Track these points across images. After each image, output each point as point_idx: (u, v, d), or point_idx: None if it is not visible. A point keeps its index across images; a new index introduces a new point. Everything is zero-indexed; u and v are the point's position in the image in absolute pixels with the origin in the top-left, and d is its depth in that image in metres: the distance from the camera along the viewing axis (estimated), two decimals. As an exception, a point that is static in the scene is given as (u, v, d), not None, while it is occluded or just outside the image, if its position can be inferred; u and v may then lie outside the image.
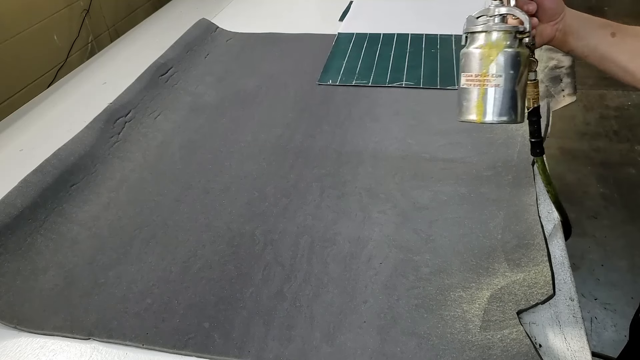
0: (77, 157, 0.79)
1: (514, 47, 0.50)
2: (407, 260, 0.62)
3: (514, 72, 0.50)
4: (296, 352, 0.53)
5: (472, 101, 0.51)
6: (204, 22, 1.27)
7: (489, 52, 0.50)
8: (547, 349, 0.52)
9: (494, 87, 0.50)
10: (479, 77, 0.50)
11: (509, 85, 0.50)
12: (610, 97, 2.34)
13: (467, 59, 0.52)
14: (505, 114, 0.51)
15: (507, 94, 0.50)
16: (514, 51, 0.50)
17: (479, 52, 0.51)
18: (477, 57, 0.51)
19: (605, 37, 0.57)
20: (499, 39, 0.50)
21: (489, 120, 0.51)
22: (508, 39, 0.50)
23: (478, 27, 0.51)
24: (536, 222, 0.63)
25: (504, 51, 0.49)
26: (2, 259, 0.64)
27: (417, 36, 1.18)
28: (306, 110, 0.95)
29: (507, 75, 0.50)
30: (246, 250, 0.66)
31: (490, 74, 0.50)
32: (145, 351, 0.55)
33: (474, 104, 0.51)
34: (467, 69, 0.52)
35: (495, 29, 0.50)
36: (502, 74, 0.50)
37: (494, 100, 0.50)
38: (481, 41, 0.51)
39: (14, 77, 1.19)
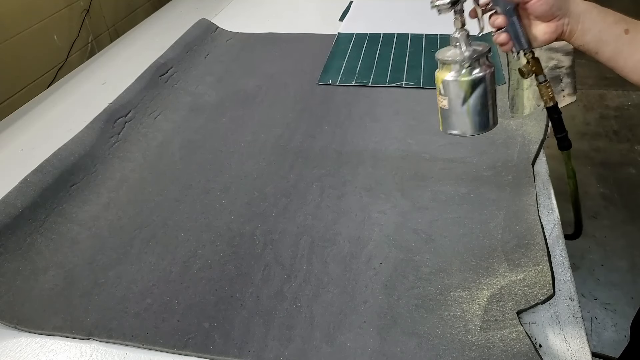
0: (77, 157, 0.79)
1: (456, 75, 0.56)
2: (407, 260, 0.62)
3: (456, 96, 0.57)
4: (296, 352, 0.53)
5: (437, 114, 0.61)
6: (204, 22, 1.27)
7: (437, 78, 0.58)
8: (547, 349, 0.52)
9: (442, 107, 0.59)
10: (437, 95, 0.59)
11: (453, 106, 0.58)
12: (610, 97, 2.34)
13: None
14: (454, 128, 0.59)
15: (453, 112, 0.58)
16: (451, 80, 0.56)
17: (435, 76, 0.58)
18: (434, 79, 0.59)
19: (619, 34, 0.55)
20: (443, 69, 0.57)
21: (444, 132, 0.61)
22: (451, 69, 0.56)
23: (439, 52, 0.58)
24: (536, 222, 0.63)
25: (444, 80, 0.57)
26: (2, 259, 0.64)
27: (417, 36, 1.18)
28: (306, 110, 0.95)
29: (450, 99, 0.57)
30: (246, 250, 0.66)
31: (440, 96, 0.58)
32: (145, 351, 0.55)
33: (438, 115, 0.60)
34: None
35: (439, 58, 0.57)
36: (445, 97, 0.58)
37: (444, 117, 0.60)
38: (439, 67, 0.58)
39: (14, 77, 1.19)
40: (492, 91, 0.58)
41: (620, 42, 0.55)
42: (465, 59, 0.56)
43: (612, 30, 0.55)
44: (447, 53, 0.57)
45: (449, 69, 0.57)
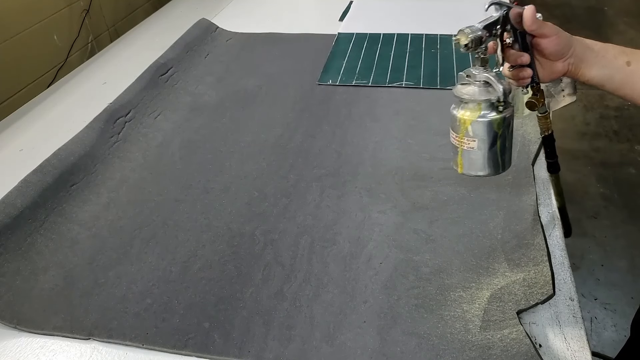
0: (77, 157, 0.79)
1: (488, 115, 0.53)
2: (407, 260, 0.62)
3: (487, 138, 0.54)
4: (296, 352, 0.53)
5: (455, 155, 0.57)
6: (204, 22, 1.27)
7: (464, 119, 0.54)
8: (547, 349, 0.52)
9: (469, 149, 0.56)
10: (458, 138, 0.56)
11: (483, 148, 0.55)
12: (610, 97, 2.34)
13: (451, 119, 0.56)
14: (480, 170, 0.57)
15: (480, 154, 0.55)
16: (486, 121, 0.53)
17: (458, 117, 0.55)
18: (457, 121, 0.55)
19: (621, 66, 0.57)
20: (473, 109, 0.54)
21: (466, 173, 0.58)
22: (482, 109, 0.54)
23: (458, 92, 0.55)
24: (536, 222, 0.63)
25: (476, 121, 0.54)
26: (2, 259, 0.64)
27: (417, 36, 1.18)
28: (306, 110, 0.95)
29: (480, 141, 0.54)
30: (246, 250, 0.66)
31: (466, 138, 0.55)
32: (145, 351, 0.55)
33: (456, 158, 0.57)
34: (451, 127, 0.56)
35: (469, 99, 0.54)
36: (475, 139, 0.54)
37: (469, 159, 0.56)
38: (460, 107, 0.55)
39: (14, 77, 1.19)
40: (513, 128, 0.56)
41: (623, 74, 0.57)
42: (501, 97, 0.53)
43: (614, 64, 0.57)
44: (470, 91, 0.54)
45: (478, 109, 0.54)
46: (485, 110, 0.54)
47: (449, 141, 0.57)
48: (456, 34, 0.53)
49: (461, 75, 0.56)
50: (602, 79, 0.57)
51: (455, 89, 0.56)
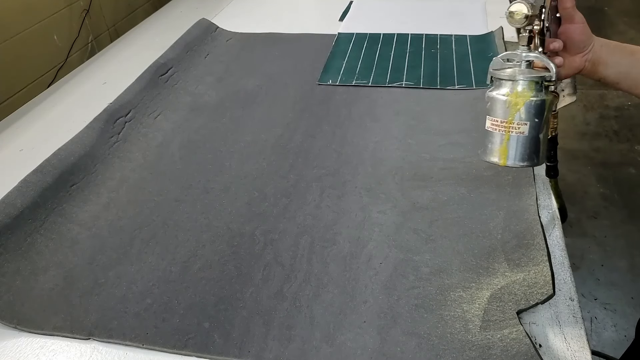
0: (77, 157, 0.79)
1: (540, 95, 0.51)
2: (407, 260, 0.62)
3: (539, 120, 0.51)
4: (296, 352, 0.53)
5: (496, 144, 0.53)
6: (204, 22, 1.27)
7: (515, 100, 0.51)
8: (547, 349, 0.52)
9: (518, 134, 0.51)
10: (504, 124, 0.51)
11: (534, 133, 0.51)
12: (610, 97, 2.34)
13: (492, 104, 0.52)
14: (527, 159, 0.53)
15: (531, 140, 0.52)
16: (539, 100, 0.50)
17: (505, 100, 0.51)
18: (503, 104, 0.51)
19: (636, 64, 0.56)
20: (525, 89, 0.51)
21: (511, 165, 0.53)
22: (534, 88, 0.51)
23: (505, 74, 0.51)
24: (536, 222, 0.63)
25: (530, 100, 0.50)
26: (2, 259, 0.64)
27: (417, 36, 1.18)
28: (306, 110, 0.95)
29: (532, 123, 0.51)
30: (246, 250, 0.66)
31: (516, 122, 0.51)
32: (145, 351, 0.55)
33: (498, 147, 0.53)
34: (493, 113, 0.52)
35: (522, 78, 0.51)
36: (527, 122, 0.51)
37: (517, 146, 0.52)
38: (507, 89, 0.51)
39: (14, 77, 1.19)
40: None
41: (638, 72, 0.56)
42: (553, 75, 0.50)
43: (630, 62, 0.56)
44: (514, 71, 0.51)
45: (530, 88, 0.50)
46: (537, 90, 0.51)
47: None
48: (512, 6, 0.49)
49: (496, 60, 0.53)
50: (618, 77, 0.56)
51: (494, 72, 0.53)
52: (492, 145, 0.53)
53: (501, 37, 1.10)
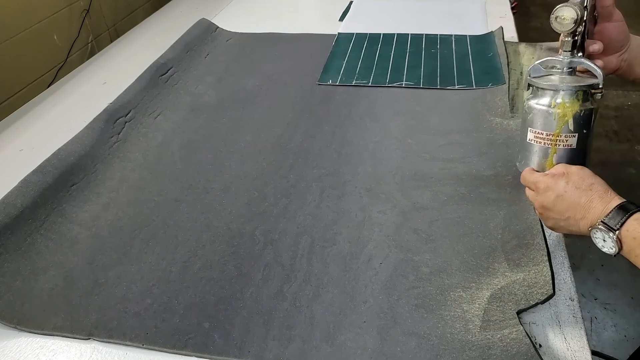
0: (77, 157, 0.79)
1: (587, 105, 0.48)
2: (407, 260, 0.62)
3: (587, 131, 0.48)
4: (296, 352, 0.53)
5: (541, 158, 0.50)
6: (204, 22, 1.27)
7: (563, 112, 0.48)
8: (547, 349, 0.52)
9: (566, 147, 0.49)
10: (551, 137, 0.49)
11: (582, 145, 0.49)
12: (610, 97, 2.34)
13: (535, 116, 0.49)
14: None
15: (579, 152, 0.49)
16: (588, 110, 0.47)
17: (552, 112, 0.48)
18: (549, 116, 0.49)
19: None
20: (573, 99, 0.48)
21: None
22: (582, 98, 0.48)
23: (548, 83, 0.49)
24: (536, 222, 0.63)
25: (579, 111, 0.47)
26: (2, 259, 0.64)
27: (417, 36, 1.18)
28: (306, 110, 0.95)
29: (581, 135, 0.48)
30: (246, 250, 0.66)
31: (563, 134, 0.48)
32: (145, 351, 0.55)
33: (544, 161, 0.50)
34: (537, 125, 0.50)
35: (569, 88, 0.48)
36: (575, 134, 0.48)
37: (566, 159, 0.50)
38: (551, 98, 0.49)
39: (14, 77, 1.19)
40: None
41: None
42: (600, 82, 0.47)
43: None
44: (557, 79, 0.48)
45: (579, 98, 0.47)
46: (584, 100, 0.47)
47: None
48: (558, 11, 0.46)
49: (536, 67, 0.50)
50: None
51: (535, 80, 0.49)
52: (535, 159, 0.51)
53: (501, 37, 1.10)
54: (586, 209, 0.48)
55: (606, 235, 0.47)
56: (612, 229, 0.46)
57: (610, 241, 0.47)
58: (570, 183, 0.49)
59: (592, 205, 0.48)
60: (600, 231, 0.47)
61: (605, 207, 0.47)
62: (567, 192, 0.49)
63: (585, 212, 0.49)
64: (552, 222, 0.52)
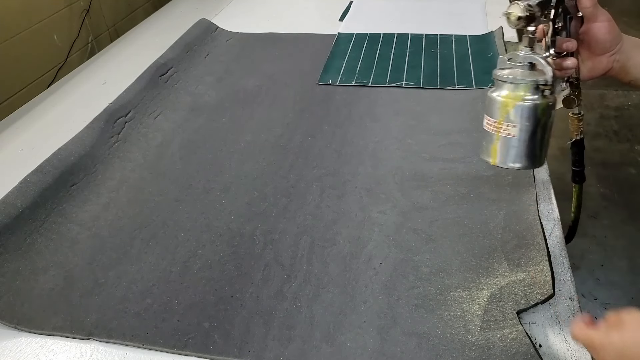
0: (77, 157, 0.79)
1: (533, 99, 0.50)
2: (407, 260, 0.62)
3: (529, 124, 0.50)
4: (296, 352, 0.53)
5: (489, 144, 0.53)
6: (204, 22, 1.27)
7: (506, 102, 0.51)
8: (547, 349, 0.52)
9: (507, 136, 0.51)
10: (496, 124, 0.52)
11: (524, 136, 0.51)
12: (610, 97, 2.34)
13: (488, 104, 0.53)
14: (518, 161, 0.53)
15: (521, 143, 0.51)
16: (531, 104, 0.50)
17: (498, 101, 0.51)
18: (496, 104, 0.51)
19: None
20: (517, 91, 0.50)
21: (500, 165, 0.54)
22: (527, 91, 0.50)
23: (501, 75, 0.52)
24: (536, 222, 0.63)
25: (520, 104, 0.50)
26: (2, 259, 0.64)
27: (417, 36, 1.18)
28: (306, 110, 0.95)
29: (522, 126, 0.51)
30: (246, 250, 0.66)
31: (506, 123, 0.51)
32: (145, 351, 0.55)
33: (490, 147, 0.53)
34: (488, 113, 0.53)
35: (513, 80, 0.51)
36: (516, 124, 0.51)
37: (507, 148, 0.52)
38: (502, 89, 0.51)
39: (14, 77, 1.19)
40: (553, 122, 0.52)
41: None
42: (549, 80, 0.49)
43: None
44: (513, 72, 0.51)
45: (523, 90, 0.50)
46: (530, 93, 0.50)
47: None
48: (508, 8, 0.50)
49: (502, 59, 0.53)
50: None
51: (495, 71, 0.52)
52: (486, 144, 0.54)
53: (501, 37, 1.10)
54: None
55: None
56: None
57: None
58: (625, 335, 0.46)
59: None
60: None
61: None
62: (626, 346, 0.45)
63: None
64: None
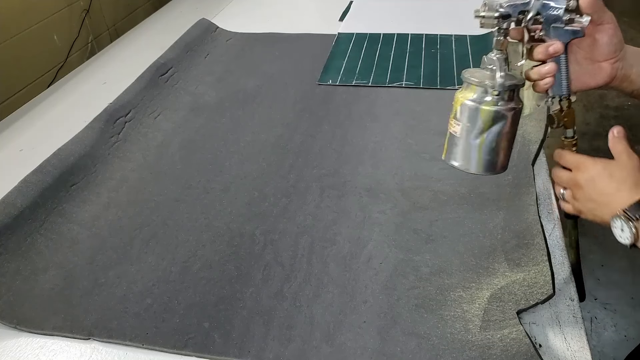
0: (77, 157, 0.79)
1: (477, 101, 0.50)
2: (407, 260, 0.62)
3: (471, 125, 0.51)
4: (296, 352, 0.53)
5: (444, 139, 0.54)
6: (204, 22, 1.27)
7: (456, 98, 0.52)
8: (547, 349, 0.52)
9: (452, 132, 0.53)
10: (450, 120, 0.53)
11: (465, 135, 0.51)
12: (610, 97, 2.34)
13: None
14: (458, 160, 0.53)
15: (462, 142, 0.52)
16: (473, 105, 0.50)
17: (454, 97, 0.52)
18: (453, 100, 0.53)
19: None
20: (467, 91, 0.51)
21: (447, 162, 0.54)
22: (475, 92, 0.50)
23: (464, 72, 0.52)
24: (536, 222, 0.63)
25: (465, 103, 0.51)
26: (2, 259, 0.64)
27: (417, 36, 1.18)
28: (306, 110, 0.95)
29: (464, 126, 0.51)
30: (246, 250, 0.66)
31: (454, 120, 0.52)
32: (145, 351, 0.55)
33: (444, 142, 0.54)
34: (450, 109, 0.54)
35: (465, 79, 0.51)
36: (459, 122, 0.52)
37: (450, 145, 0.53)
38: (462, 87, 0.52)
39: (14, 77, 1.19)
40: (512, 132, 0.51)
41: None
42: (496, 85, 0.49)
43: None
44: (476, 74, 0.51)
45: (472, 91, 0.50)
46: (478, 95, 0.50)
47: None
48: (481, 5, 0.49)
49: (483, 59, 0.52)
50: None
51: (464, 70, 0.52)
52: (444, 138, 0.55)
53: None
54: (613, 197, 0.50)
55: (625, 224, 0.48)
56: (632, 219, 0.47)
57: (628, 231, 0.48)
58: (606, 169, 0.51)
59: (619, 194, 0.50)
60: (620, 220, 0.49)
61: (630, 198, 0.48)
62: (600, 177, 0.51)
63: (611, 199, 0.50)
64: (580, 202, 0.53)
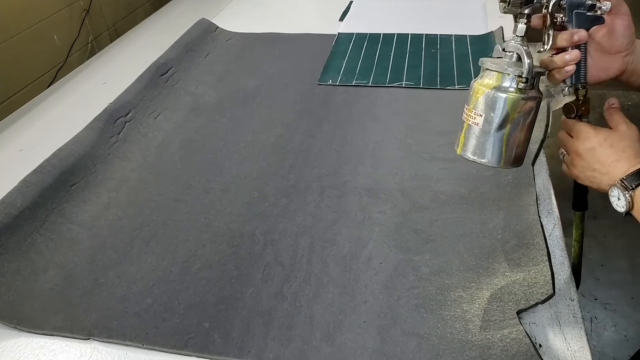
0: (77, 157, 0.79)
1: (502, 89, 0.48)
2: (407, 260, 0.62)
3: (495, 116, 0.48)
4: (296, 352, 0.53)
5: (459, 132, 0.52)
6: (204, 22, 1.27)
7: (477, 88, 0.49)
8: (547, 349, 0.52)
9: (473, 124, 0.50)
10: (467, 111, 0.50)
11: (488, 127, 0.49)
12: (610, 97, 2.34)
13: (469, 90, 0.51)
14: (480, 155, 0.51)
15: (484, 135, 0.49)
16: (498, 94, 0.47)
17: (472, 87, 0.50)
18: (470, 90, 0.50)
19: None
20: (490, 79, 0.48)
21: (464, 156, 0.52)
22: (500, 81, 0.48)
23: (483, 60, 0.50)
24: (536, 222, 0.63)
25: (488, 92, 0.48)
26: (2, 259, 0.64)
27: (417, 36, 1.18)
28: (306, 110, 0.95)
29: (488, 117, 0.49)
30: (246, 250, 0.66)
31: (474, 111, 0.49)
32: (145, 351, 0.55)
33: (459, 135, 0.51)
34: (467, 100, 0.51)
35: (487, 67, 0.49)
36: (482, 114, 0.49)
37: (469, 137, 0.50)
38: (480, 76, 0.50)
39: (14, 77, 1.19)
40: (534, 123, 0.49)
41: None
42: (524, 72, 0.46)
43: None
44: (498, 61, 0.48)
45: (494, 79, 0.47)
46: (503, 83, 0.47)
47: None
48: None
49: (497, 48, 0.50)
50: None
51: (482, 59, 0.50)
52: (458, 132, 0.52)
53: (501, 37, 1.10)
54: (612, 166, 0.51)
55: (621, 193, 0.49)
56: (628, 188, 0.48)
57: (624, 200, 0.49)
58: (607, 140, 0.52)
59: (618, 164, 0.50)
60: (617, 189, 0.50)
61: (628, 168, 0.49)
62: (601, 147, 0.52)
63: (610, 169, 0.51)
64: (578, 169, 0.54)
